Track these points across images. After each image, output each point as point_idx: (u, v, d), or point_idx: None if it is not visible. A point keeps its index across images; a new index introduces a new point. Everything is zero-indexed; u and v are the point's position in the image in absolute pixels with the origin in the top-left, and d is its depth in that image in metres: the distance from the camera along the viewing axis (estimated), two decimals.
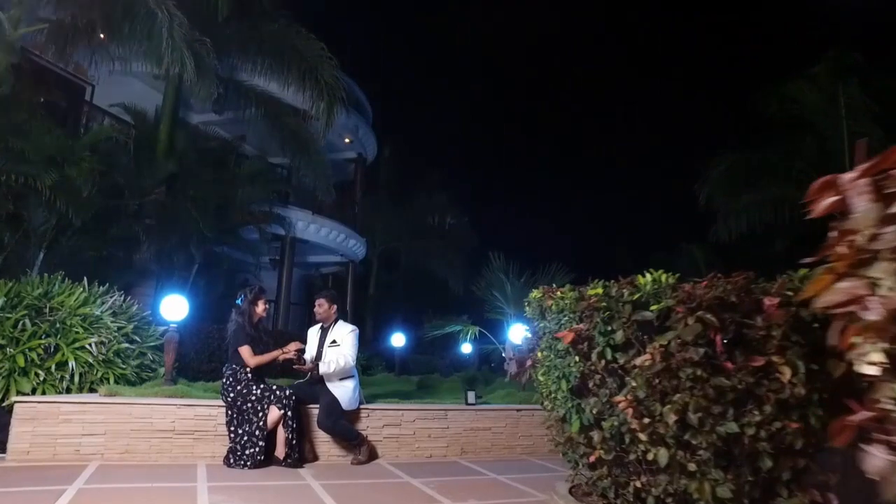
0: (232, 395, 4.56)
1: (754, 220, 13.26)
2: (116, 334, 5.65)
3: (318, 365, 4.79)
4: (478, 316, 14.67)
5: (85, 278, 6.05)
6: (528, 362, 4.01)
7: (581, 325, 3.20)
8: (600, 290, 3.15)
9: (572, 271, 12.93)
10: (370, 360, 12.54)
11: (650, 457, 2.92)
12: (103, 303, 5.80)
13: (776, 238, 14.97)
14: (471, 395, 5.70)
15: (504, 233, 25.28)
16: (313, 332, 5.25)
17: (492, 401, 6.16)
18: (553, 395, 3.50)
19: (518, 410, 5.80)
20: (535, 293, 3.76)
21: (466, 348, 14.34)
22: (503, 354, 13.23)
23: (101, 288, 6.08)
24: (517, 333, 6.47)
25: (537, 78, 44.83)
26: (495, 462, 5.27)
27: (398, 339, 11.17)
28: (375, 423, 5.18)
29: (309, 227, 14.79)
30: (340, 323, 5.17)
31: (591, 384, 3.18)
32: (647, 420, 2.91)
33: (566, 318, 3.33)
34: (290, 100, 11.84)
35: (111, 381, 5.32)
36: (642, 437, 2.92)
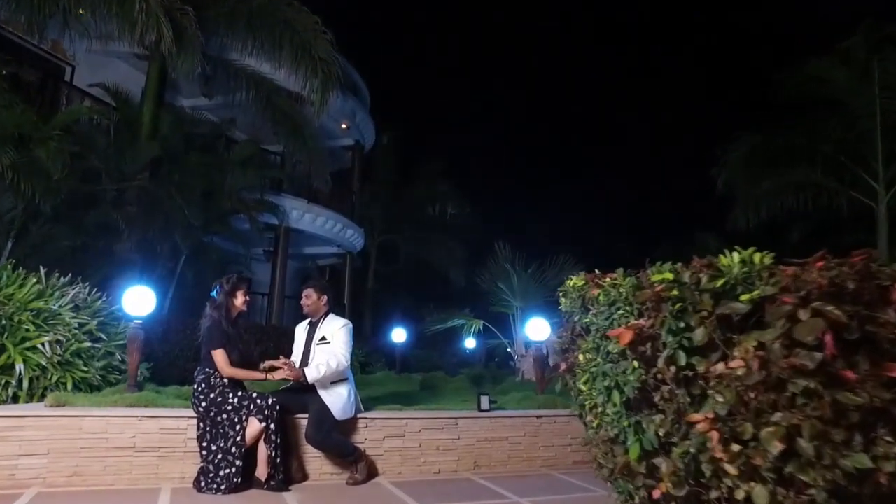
0: (204, 404, 3.82)
1: (775, 206, 12.57)
2: (77, 332, 4.92)
3: (304, 370, 4.04)
4: (480, 309, 13.99)
5: (42, 268, 5.30)
6: (563, 366, 3.28)
7: (642, 321, 2.47)
8: (669, 276, 2.41)
9: (580, 262, 12.29)
10: (369, 357, 11.84)
11: (740, 495, 2.19)
12: (63, 296, 5.06)
13: (793, 226, 14.29)
14: (484, 401, 4.97)
15: (507, 223, 24.51)
16: (300, 330, 4.50)
17: (506, 405, 5.44)
18: (600, 410, 2.77)
19: (538, 417, 5.07)
20: (575, 280, 3.03)
21: (470, 343, 13.68)
22: (508, 350, 12.61)
23: (62, 279, 5.34)
24: (536, 329, 5.73)
25: (541, 61, 43.77)
26: (514, 478, 4.56)
27: (399, 335, 10.44)
28: (375, 434, 4.45)
29: (304, 216, 14.06)
30: (331, 317, 4.41)
31: (656, 397, 2.45)
32: (736, 447, 2.18)
33: (620, 311, 2.60)
34: (284, 82, 11.18)
35: (69, 386, 4.61)
36: (730, 469, 2.19)
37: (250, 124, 13.31)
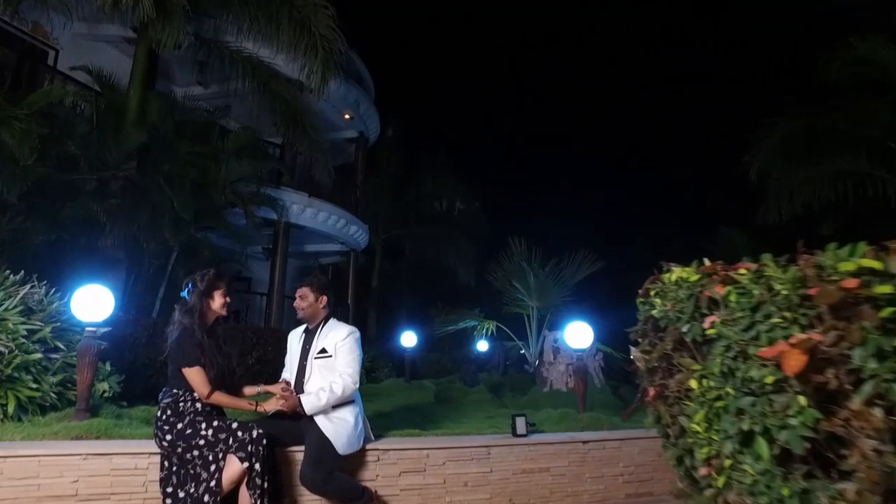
0: (170, 437, 2.95)
1: (811, 197, 11.63)
2: (25, 341, 4.05)
3: (301, 399, 3.15)
4: (490, 309, 13.18)
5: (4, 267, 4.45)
6: (650, 392, 2.40)
7: (816, 335, 1.58)
8: (875, 264, 1.52)
9: (600, 259, 11.50)
10: (374, 362, 10.95)
11: None
12: (9, 296, 4.19)
13: (824, 220, 13.37)
14: (520, 423, 4.08)
15: (516, 219, 23.57)
16: (294, 339, 3.60)
17: (543, 426, 4.56)
18: (729, 463, 1.88)
19: (585, 443, 4.19)
20: (682, 272, 2.14)
21: (482, 346, 12.85)
22: (522, 352, 11.73)
23: (11, 277, 4.48)
24: (578, 335, 4.83)
25: (553, 47, 42.34)
26: None
27: (409, 339, 9.52)
28: (389, 469, 3.56)
29: (305, 211, 13.20)
30: (332, 323, 3.52)
31: (849, 457, 1.55)
32: None
33: (774, 319, 1.71)
34: (283, 68, 10.45)
35: (10, 407, 3.74)
36: None
37: (247, 115, 12.49)
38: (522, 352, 11.55)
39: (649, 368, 2.44)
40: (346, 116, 15.50)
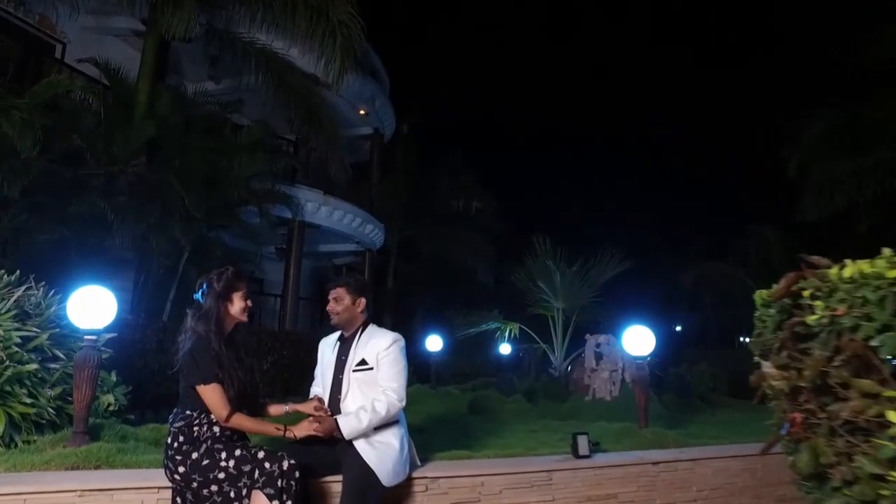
0: (183, 468, 2.45)
1: (854, 193, 11.04)
2: (19, 350, 3.56)
3: (338, 422, 2.64)
4: (509, 311, 12.71)
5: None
6: (796, 418, 1.87)
7: None
8: None
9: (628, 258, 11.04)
10: None
11: None
12: (1, 299, 3.72)
13: (861, 216, 12.74)
14: (582, 443, 3.55)
15: (536, 218, 23.05)
16: (327, 348, 3.07)
17: (603, 443, 4.01)
18: None
19: (655, 464, 3.66)
20: (868, 265, 1.60)
21: (505, 349, 12.41)
22: (546, 354, 11.20)
23: (6, 277, 4.01)
24: (638, 341, 4.28)
25: (571, 40, 41.44)
26: None
27: (434, 343, 9.00)
28: (438, 500, 3.04)
29: (320, 209, 12.74)
30: (372, 329, 2.98)
31: None
32: None
33: None
34: (298, 61, 10.11)
35: (1, 426, 3.26)
36: None
37: (260, 111, 12.08)
38: (547, 354, 11.04)
39: (792, 388, 1.91)
40: (362, 112, 15.05)
